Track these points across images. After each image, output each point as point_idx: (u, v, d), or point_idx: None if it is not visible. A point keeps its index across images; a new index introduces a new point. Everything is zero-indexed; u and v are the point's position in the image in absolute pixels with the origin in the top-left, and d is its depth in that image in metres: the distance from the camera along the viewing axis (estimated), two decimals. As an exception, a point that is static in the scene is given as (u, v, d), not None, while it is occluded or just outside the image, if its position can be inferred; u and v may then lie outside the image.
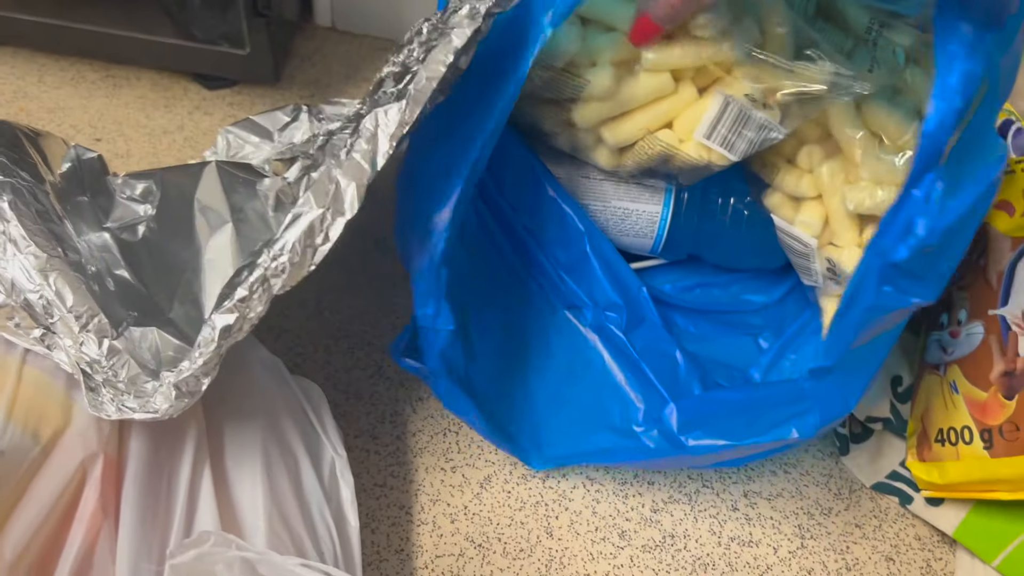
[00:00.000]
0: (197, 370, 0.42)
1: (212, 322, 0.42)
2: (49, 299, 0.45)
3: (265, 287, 0.42)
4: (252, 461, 0.49)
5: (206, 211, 0.54)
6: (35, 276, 0.45)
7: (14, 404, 0.42)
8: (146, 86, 0.80)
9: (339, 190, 0.43)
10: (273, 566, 0.38)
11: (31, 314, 0.45)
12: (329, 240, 0.43)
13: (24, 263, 0.45)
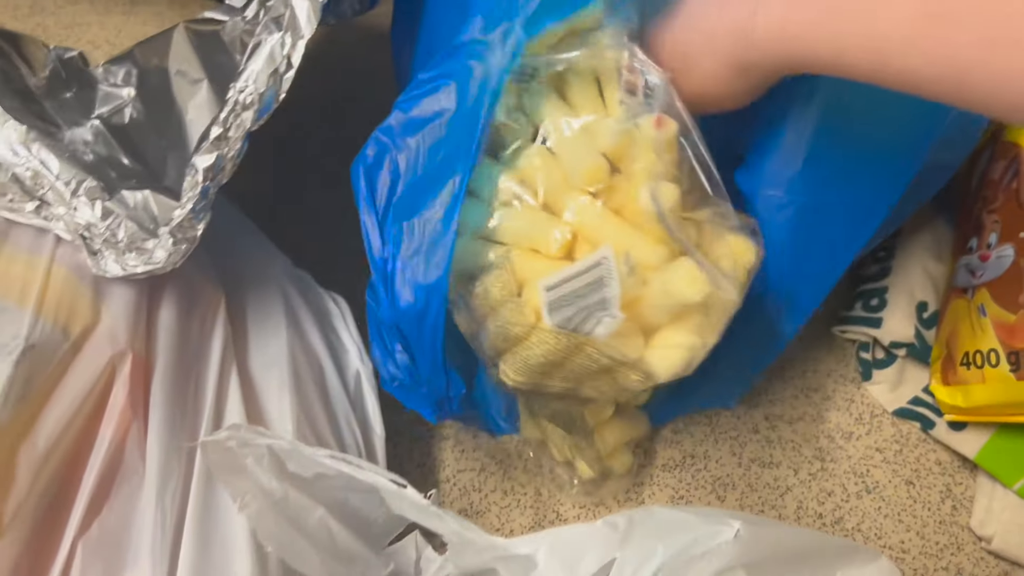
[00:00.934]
0: (187, 214, 0.43)
1: (194, 164, 0.43)
2: (36, 170, 0.45)
3: (238, 122, 0.43)
4: (279, 367, 0.48)
5: (181, 75, 0.54)
6: (19, 149, 0.45)
7: (43, 299, 0.42)
8: (163, 3, 0.79)
9: (293, 12, 0.44)
10: (303, 458, 0.38)
11: (22, 188, 0.45)
12: (292, 66, 0.44)
13: (7, 137, 0.45)
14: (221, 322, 0.48)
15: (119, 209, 0.45)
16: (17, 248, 0.44)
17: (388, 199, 0.46)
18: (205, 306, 0.49)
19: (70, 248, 0.45)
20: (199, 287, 0.49)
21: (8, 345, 0.39)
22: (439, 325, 0.43)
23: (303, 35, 0.43)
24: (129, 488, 0.41)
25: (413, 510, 0.39)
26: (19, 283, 0.42)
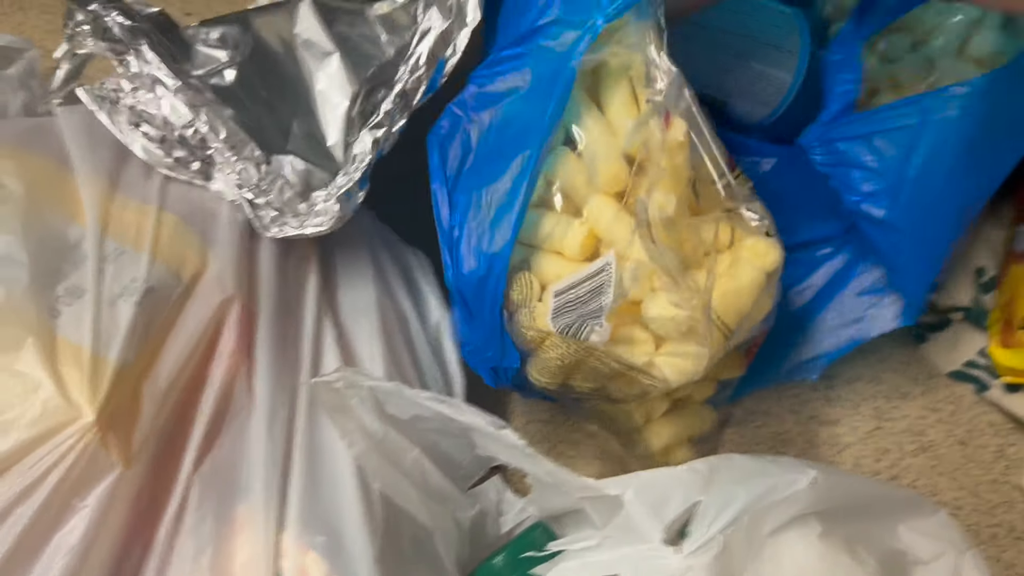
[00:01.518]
0: (354, 183, 0.48)
1: (363, 138, 0.48)
2: (203, 132, 0.48)
3: (405, 101, 0.48)
4: (368, 315, 0.51)
5: (309, 46, 0.55)
6: (186, 112, 0.48)
7: (157, 244, 0.44)
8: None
9: (460, 3, 0.48)
10: (402, 399, 0.40)
11: (188, 148, 0.47)
12: (456, 52, 0.48)
13: (174, 101, 0.48)
14: (315, 270, 0.51)
15: (277, 170, 0.49)
16: (129, 195, 0.46)
17: (459, 169, 0.47)
18: (299, 255, 0.51)
19: (176, 193, 0.47)
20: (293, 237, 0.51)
21: (129, 287, 0.41)
22: (499, 294, 0.45)
23: (468, 26, 0.48)
24: (239, 425, 0.43)
25: (507, 451, 0.41)
26: (133, 228, 0.44)
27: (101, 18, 0.50)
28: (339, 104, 0.53)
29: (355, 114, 0.52)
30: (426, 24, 0.48)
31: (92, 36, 0.50)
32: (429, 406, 0.40)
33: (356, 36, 0.55)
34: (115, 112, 0.50)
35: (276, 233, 0.48)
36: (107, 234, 0.43)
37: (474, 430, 0.40)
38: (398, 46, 0.54)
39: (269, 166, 0.49)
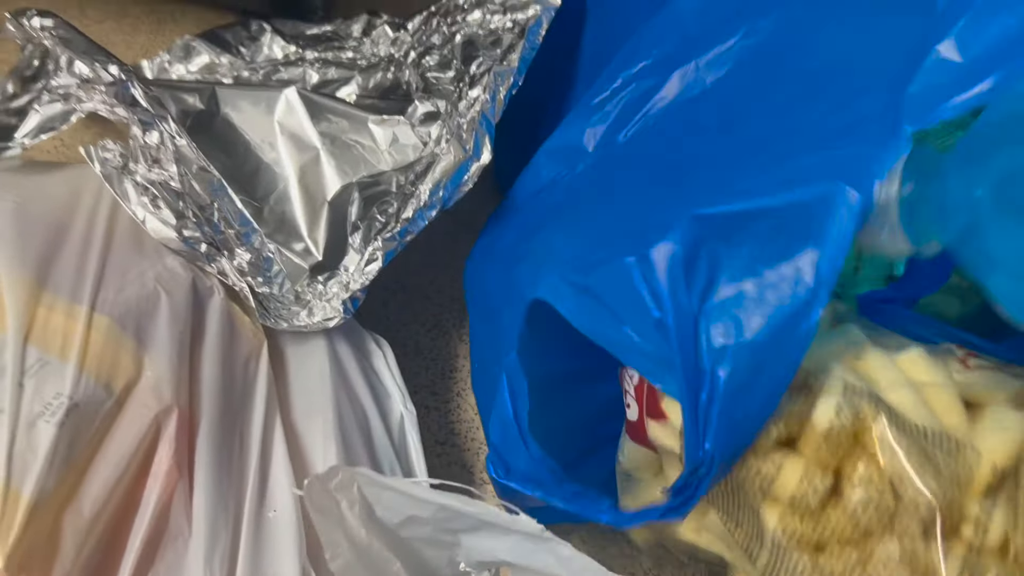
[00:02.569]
0: (358, 289, 0.50)
1: (373, 251, 0.51)
2: (223, 214, 0.49)
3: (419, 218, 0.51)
4: (323, 415, 0.47)
5: (289, 135, 0.56)
6: (204, 194, 0.49)
7: (86, 354, 0.40)
8: (191, 22, 0.77)
9: (478, 140, 0.52)
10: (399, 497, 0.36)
11: (201, 230, 0.48)
12: (468, 184, 0.51)
13: (195, 181, 0.49)
14: (264, 368, 0.47)
15: (283, 262, 0.50)
16: (58, 293, 0.42)
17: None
18: (247, 352, 0.47)
19: (111, 289, 0.44)
20: (240, 332, 0.47)
21: (52, 404, 0.37)
22: None
23: (482, 161, 0.52)
24: (175, 552, 0.39)
25: (516, 546, 0.36)
26: (60, 334, 0.40)
27: (128, 83, 0.49)
28: (315, 200, 0.54)
29: (356, 219, 0.53)
30: (438, 154, 0.53)
31: (115, 98, 0.49)
32: (432, 500, 0.36)
33: (346, 138, 0.55)
34: (121, 180, 0.48)
35: (278, 325, 0.49)
36: (30, 341, 0.39)
37: (483, 524, 0.36)
38: (400, 162, 0.55)
39: (271, 254, 0.50)
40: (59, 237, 0.45)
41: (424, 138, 0.55)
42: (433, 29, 0.63)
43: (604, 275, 0.38)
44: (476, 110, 0.53)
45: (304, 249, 0.52)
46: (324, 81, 0.66)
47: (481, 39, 0.58)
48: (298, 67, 0.68)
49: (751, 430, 0.35)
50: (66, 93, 0.48)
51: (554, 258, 0.43)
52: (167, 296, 0.45)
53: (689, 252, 0.36)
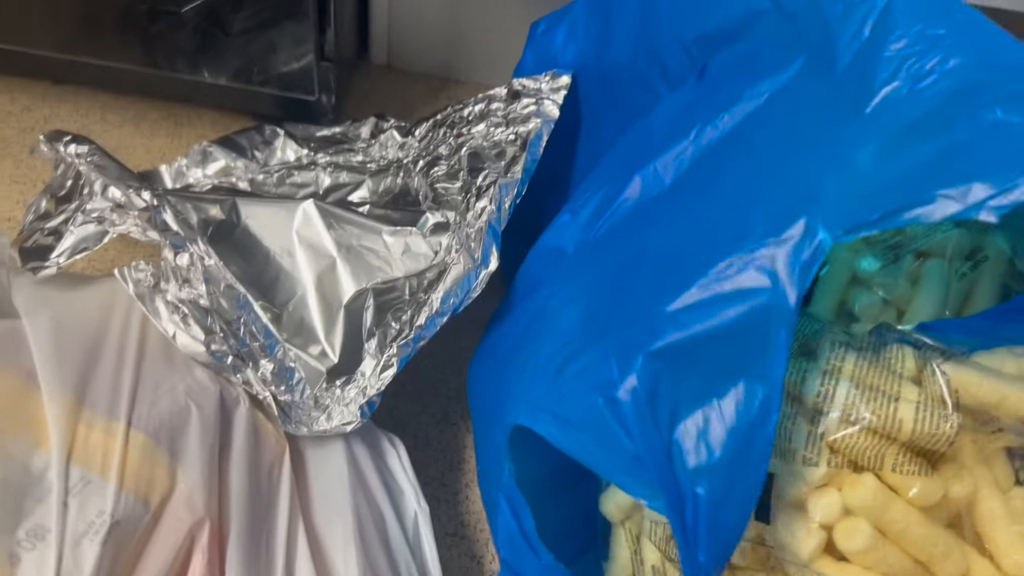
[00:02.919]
0: (375, 394, 0.53)
1: (389, 357, 0.54)
2: (248, 328, 0.53)
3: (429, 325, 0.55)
4: (343, 517, 0.49)
5: (307, 245, 0.59)
6: (232, 309, 0.53)
7: (125, 471, 0.43)
8: (207, 125, 0.81)
9: (485, 250, 0.55)
10: None
11: (228, 344, 0.51)
12: (477, 291, 0.54)
13: (222, 298, 0.53)
14: (286, 473, 0.49)
15: (302, 366, 0.54)
16: (96, 411, 0.45)
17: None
18: (271, 459, 0.50)
19: (145, 404, 0.46)
20: (264, 439, 0.50)
21: (95, 523, 0.40)
22: None
23: (490, 268, 0.55)
24: (209, 658, 0.41)
25: None
26: (100, 452, 0.43)
27: (160, 208, 0.54)
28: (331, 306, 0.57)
29: (371, 324, 0.56)
30: (448, 259, 0.57)
31: (147, 223, 0.53)
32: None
33: (360, 247, 0.59)
34: (153, 298, 0.52)
35: (303, 431, 0.52)
36: (73, 460, 0.42)
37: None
38: (411, 269, 0.59)
39: (292, 363, 0.53)
40: (94, 354, 0.48)
41: (435, 247, 0.59)
42: (440, 139, 0.67)
43: (578, 409, 0.42)
44: (483, 220, 0.57)
45: (321, 352, 0.55)
46: (336, 185, 0.70)
47: (486, 151, 0.62)
48: (310, 171, 0.71)
49: (736, 533, 0.39)
50: (100, 216, 0.52)
51: (533, 382, 0.46)
52: (197, 409, 0.48)
53: (650, 389, 0.40)
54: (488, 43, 0.85)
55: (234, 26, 0.76)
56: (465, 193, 0.60)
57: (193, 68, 0.77)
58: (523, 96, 0.64)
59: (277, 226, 0.59)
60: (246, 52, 0.76)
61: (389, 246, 0.59)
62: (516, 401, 0.47)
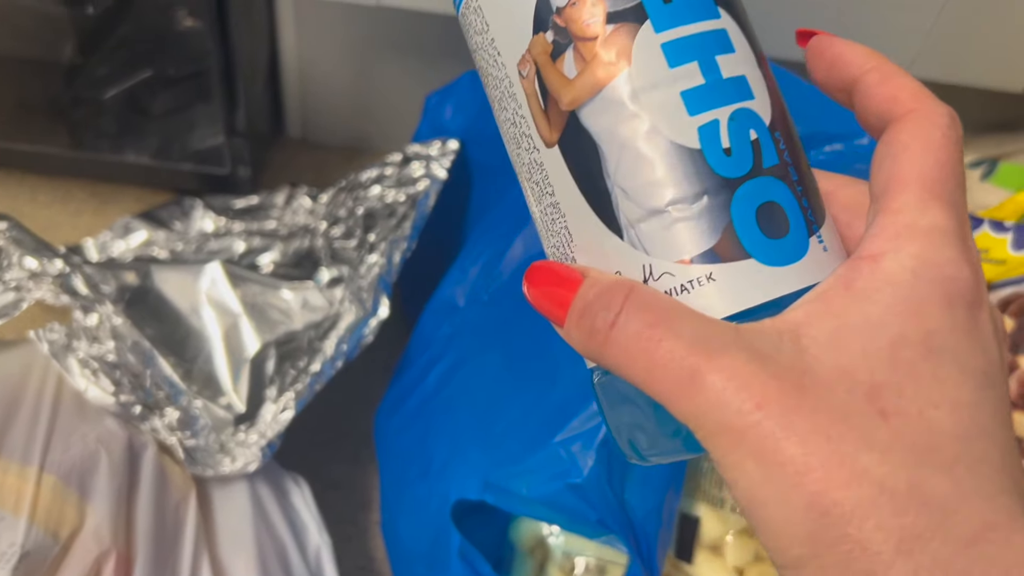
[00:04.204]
0: (275, 436, 0.58)
1: (286, 399, 0.60)
2: (155, 380, 0.57)
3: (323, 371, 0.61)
4: (246, 551, 0.54)
5: (214, 303, 0.64)
6: (137, 363, 0.57)
7: (36, 507, 0.47)
8: (131, 201, 0.86)
9: (376, 300, 0.61)
10: None
11: (136, 395, 0.56)
12: (368, 337, 0.61)
13: (130, 354, 0.57)
14: (192, 511, 0.54)
15: (202, 416, 0.58)
16: (11, 458, 0.50)
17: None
18: (178, 497, 0.54)
19: (57, 450, 0.51)
20: (171, 480, 0.55)
21: (6, 553, 0.45)
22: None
23: (380, 316, 0.62)
24: (114, 676, 0.46)
25: None
26: (14, 493, 0.48)
27: (71, 275, 0.59)
28: (238, 358, 0.62)
29: (272, 373, 0.62)
30: (341, 309, 0.63)
31: (60, 288, 0.58)
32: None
33: (263, 303, 0.65)
34: (66, 356, 0.56)
35: (208, 473, 0.56)
36: (-13, 501, 0.47)
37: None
38: (309, 321, 0.64)
39: (197, 411, 0.57)
40: (12, 410, 0.52)
41: (331, 299, 0.64)
42: (340, 203, 0.73)
43: (542, 492, 0.51)
44: (375, 273, 0.63)
45: (228, 403, 0.60)
46: (249, 250, 0.75)
47: (379, 211, 0.68)
48: (226, 239, 0.77)
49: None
50: (17, 285, 0.57)
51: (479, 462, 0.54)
52: (107, 453, 0.52)
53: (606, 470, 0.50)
54: (393, 115, 0.92)
55: (154, 109, 0.82)
56: (359, 249, 0.66)
57: (116, 149, 0.82)
58: (414, 160, 0.70)
59: (186, 288, 0.64)
60: (165, 132, 0.82)
61: (289, 301, 0.64)
62: (462, 478, 0.54)
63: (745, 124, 0.29)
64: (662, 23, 0.29)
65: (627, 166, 0.28)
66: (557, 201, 0.30)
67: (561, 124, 0.29)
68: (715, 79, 0.29)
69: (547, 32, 0.29)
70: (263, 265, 0.71)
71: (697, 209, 0.28)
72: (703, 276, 0.27)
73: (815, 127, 0.48)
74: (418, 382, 0.61)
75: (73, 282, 0.57)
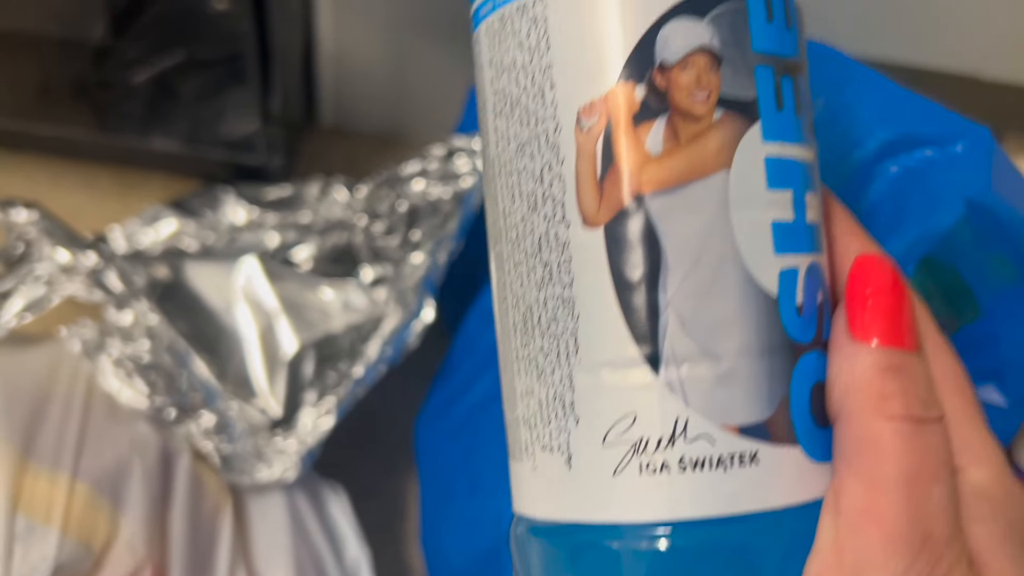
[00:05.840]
0: (315, 444, 0.55)
1: (328, 406, 0.57)
2: (191, 382, 0.54)
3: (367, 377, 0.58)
4: (284, 562, 0.51)
5: (250, 300, 0.62)
6: (173, 363, 0.54)
7: (68, 517, 0.45)
8: (157, 188, 0.83)
9: (421, 301, 0.58)
10: None
11: (171, 397, 0.53)
12: (413, 341, 0.58)
13: (165, 354, 0.54)
14: (228, 521, 0.51)
15: (245, 419, 0.55)
16: (42, 463, 0.47)
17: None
18: (213, 507, 0.52)
19: (90, 456, 0.49)
20: (206, 488, 0.52)
21: (39, 567, 0.42)
22: None
23: (423, 319, 0.59)
24: None
25: None
26: (45, 501, 0.45)
27: (104, 270, 0.56)
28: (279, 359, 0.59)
29: (311, 376, 0.59)
30: (385, 311, 0.60)
31: (92, 283, 0.55)
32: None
33: (301, 302, 0.62)
34: (98, 355, 0.54)
35: (245, 480, 0.53)
36: (18, 510, 0.44)
37: None
38: (350, 322, 0.61)
39: (233, 415, 0.54)
40: (42, 410, 0.50)
41: (373, 300, 0.61)
42: (381, 197, 0.70)
43: None
44: (419, 274, 0.60)
45: (264, 406, 0.57)
46: (283, 244, 0.72)
47: (423, 208, 0.65)
48: (259, 231, 0.74)
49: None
50: (48, 279, 0.54)
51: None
52: (140, 460, 0.50)
53: None
54: (433, 104, 0.89)
55: (183, 93, 0.79)
56: (402, 248, 0.63)
57: (144, 134, 0.80)
58: (459, 155, 0.67)
59: (221, 284, 0.61)
60: (195, 118, 0.80)
61: (330, 300, 0.62)
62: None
63: (816, 282, 0.25)
64: (772, 131, 0.24)
65: (695, 287, 0.23)
66: (572, 297, 0.24)
67: (617, 205, 0.24)
68: (801, 220, 0.24)
69: (638, 86, 0.24)
70: (300, 261, 0.68)
71: (760, 368, 0.23)
72: (748, 453, 0.23)
73: (905, 129, 0.45)
74: (463, 391, 0.58)
75: (107, 277, 0.54)
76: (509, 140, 0.25)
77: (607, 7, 0.23)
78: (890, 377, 0.23)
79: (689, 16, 0.23)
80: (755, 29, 0.24)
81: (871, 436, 0.23)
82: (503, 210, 0.26)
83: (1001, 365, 0.49)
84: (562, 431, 0.24)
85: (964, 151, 0.45)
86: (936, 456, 0.23)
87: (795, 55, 0.25)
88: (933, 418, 0.23)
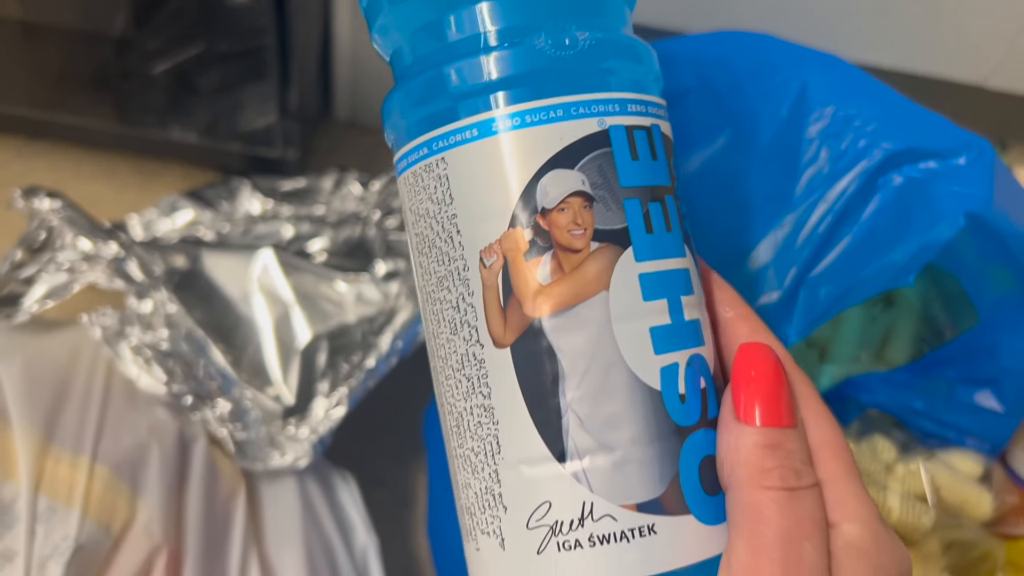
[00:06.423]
0: (326, 432, 0.56)
1: (340, 397, 0.58)
2: (207, 370, 0.56)
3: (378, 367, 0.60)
4: (294, 549, 0.53)
5: (266, 291, 0.63)
6: (190, 352, 0.56)
7: (88, 500, 0.46)
8: (175, 178, 0.85)
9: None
10: None
11: (188, 384, 0.54)
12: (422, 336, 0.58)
13: (183, 343, 0.56)
14: (241, 506, 0.53)
15: (259, 407, 0.57)
16: (63, 446, 0.48)
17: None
18: (227, 492, 0.53)
19: (109, 440, 0.50)
20: (221, 474, 0.53)
21: (60, 547, 0.43)
22: None
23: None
24: (164, 676, 0.44)
25: None
26: (66, 484, 0.46)
27: (125, 259, 0.57)
28: (289, 349, 0.60)
29: (324, 366, 0.60)
30: (397, 304, 0.61)
31: (113, 272, 0.57)
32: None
33: (315, 293, 0.63)
34: (118, 342, 0.55)
35: (258, 466, 0.55)
36: (40, 491, 0.45)
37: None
38: (363, 315, 0.62)
39: (248, 402, 0.56)
40: (63, 394, 0.51)
41: (386, 294, 0.63)
42: (394, 193, 0.71)
43: None
44: None
45: (277, 395, 0.59)
46: (297, 236, 0.74)
47: (435, 204, 0.66)
48: (274, 223, 0.75)
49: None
50: (70, 267, 0.56)
51: None
52: (158, 445, 0.51)
53: None
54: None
55: (202, 86, 0.81)
56: None
57: (163, 125, 0.81)
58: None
59: (237, 274, 0.63)
60: (214, 110, 0.81)
61: (343, 293, 0.63)
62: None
63: (698, 371, 0.28)
64: (643, 253, 0.28)
65: (588, 391, 0.27)
66: (491, 405, 0.28)
67: (520, 328, 0.27)
68: (679, 320, 0.28)
69: (526, 229, 0.27)
70: (314, 253, 0.69)
71: (650, 453, 0.27)
72: (646, 526, 0.27)
73: (910, 142, 0.46)
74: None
75: (128, 266, 0.55)
76: (431, 275, 0.29)
77: (495, 165, 0.27)
78: (769, 453, 0.27)
79: (562, 167, 0.27)
80: (621, 169, 0.27)
81: (753, 504, 0.26)
82: (432, 332, 0.30)
83: (998, 372, 0.51)
84: (495, 518, 0.28)
85: (967, 164, 0.46)
86: (809, 518, 0.27)
87: (664, 182, 0.29)
88: (806, 486, 0.27)
